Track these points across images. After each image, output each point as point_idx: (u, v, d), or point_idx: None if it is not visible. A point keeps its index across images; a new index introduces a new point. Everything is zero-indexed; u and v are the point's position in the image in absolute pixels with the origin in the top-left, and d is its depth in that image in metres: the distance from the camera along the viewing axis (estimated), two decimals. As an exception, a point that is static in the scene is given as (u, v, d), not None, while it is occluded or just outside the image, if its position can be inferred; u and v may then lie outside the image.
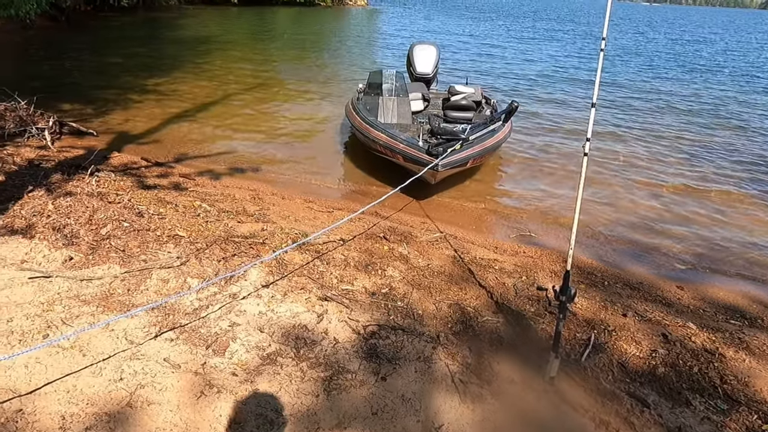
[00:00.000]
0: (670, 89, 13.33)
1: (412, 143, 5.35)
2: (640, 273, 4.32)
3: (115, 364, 2.50)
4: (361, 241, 4.27)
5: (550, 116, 9.62)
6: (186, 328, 2.87)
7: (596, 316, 3.42)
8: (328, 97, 10.50)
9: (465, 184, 6.08)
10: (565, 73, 15.03)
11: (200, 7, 32.34)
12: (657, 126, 9.34)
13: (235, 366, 2.60)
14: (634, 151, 7.75)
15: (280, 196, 5.38)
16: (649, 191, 6.24)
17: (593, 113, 2.56)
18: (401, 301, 3.38)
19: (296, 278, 3.52)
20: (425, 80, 8.36)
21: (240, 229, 4.23)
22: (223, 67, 13.48)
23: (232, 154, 6.86)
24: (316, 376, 2.60)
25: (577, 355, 3.00)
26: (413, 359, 2.80)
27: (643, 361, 2.98)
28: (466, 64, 15.40)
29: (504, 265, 4.12)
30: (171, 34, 20.07)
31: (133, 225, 4.04)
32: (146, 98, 9.57)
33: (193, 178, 5.70)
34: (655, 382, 2.81)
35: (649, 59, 19.50)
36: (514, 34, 27.23)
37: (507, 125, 6.26)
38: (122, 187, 4.85)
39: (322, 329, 2.98)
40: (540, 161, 7.12)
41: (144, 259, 3.60)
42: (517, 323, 3.25)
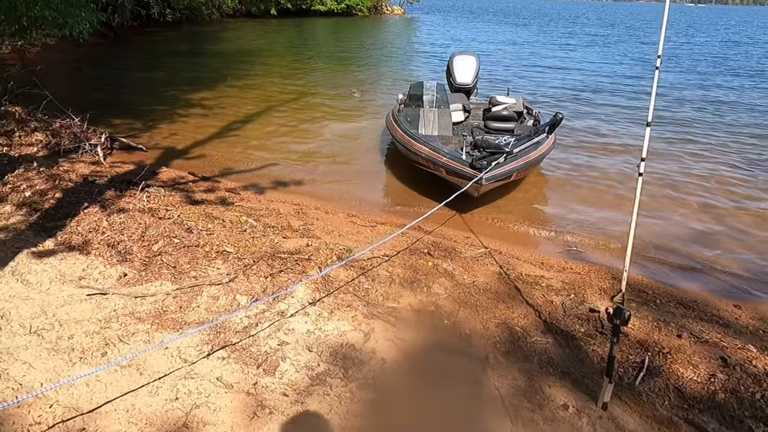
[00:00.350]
0: (721, 98, 12.89)
1: (456, 156, 5.32)
2: (693, 291, 4.17)
3: (170, 383, 2.56)
4: (405, 256, 4.27)
5: (594, 128, 9.40)
6: (237, 347, 2.91)
7: (649, 337, 3.32)
8: (368, 108, 10.57)
9: (508, 197, 6.01)
10: (608, 81, 14.72)
11: (241, 20, 33.14)
12: (709, 138, 9.03)
13: (285, 386, 2.63)
14: (685, 165, 7.51)
15: (323, 211, 5.43)
16: (700, 206, 6.02)
17: (648, 133, 2.50)
18: (447, 319, 3.36)
19: (342, 295, 3.54)
20: (465, 91, 8.32)
21: (285, 244, 4.28)
22: (265, 79, 13.75)
23: (275, 167, 6.97)
24: (366, 397, 2.60)
25: (631, 378, 2.92)
26: (462, 380, 2.78)
27: (701, 386, 2.87)
28: (506, 74, 15.27)
29: (551, 281, 4.05)
30: (213, 47, 20.59)
31: (182, 241, 4.14)
32: (191, 112, 9.83)
33: (238, 192, 5.80)
34: (714, 409, 2.71)
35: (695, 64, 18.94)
36: (554, 41, 26.88)
37: (551, 137, 6.17)
38: (171, 203, 4.98)
39: (370, 348, 2.99)
40: (584, 174, 6.97)
41: (194, 276, 3.68)
42: (567, 344, 3.18)
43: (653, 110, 2.51)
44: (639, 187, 2.51)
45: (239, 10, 34.23)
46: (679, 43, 27.62)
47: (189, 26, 27.67)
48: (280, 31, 28.87)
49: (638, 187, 2.51)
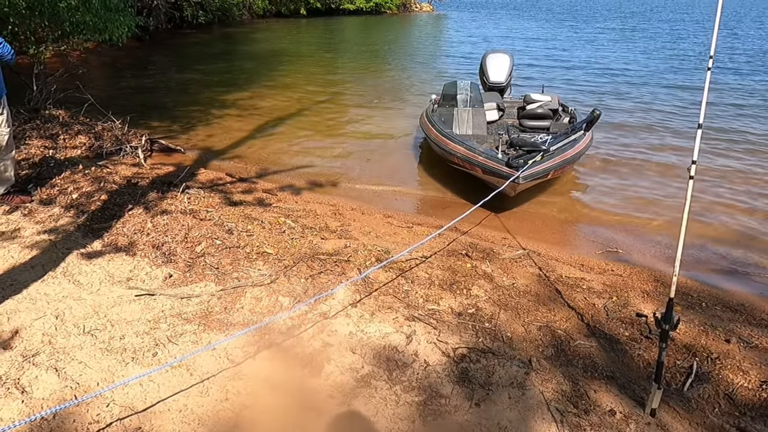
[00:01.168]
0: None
1: (491, 155, 5.30)
2: (741, 294, 4.07)
3: (219, 384, 2.61)
4: (443, 258, 4.27)
5: (634, 126, 9.23)
6: (281, 348, 2.96)
7: (696, 341, 3.25)
8: (401, 108, 10.57)
9: (545, 196, 5.95)
10: (645, 76, 14.41)
11: (271, 20, 33.47)
12: (754, 136, 8.77)
13: (331, 388, 2.66)
14: (730, 164, 7.31)
15: (359, 212, 5.46)
16: (747, 207, 5.86)
17: (699, 135, 2.44)
18: (489, 322, 3.35)
19: (382, 297, 3.56)
20: (499, 89, 8.26)
21: (324, 246, 4.32)
22: (297, 79, 13.88)
23: (310, 168, 7.04)
24: (411, 400, 2.62)
25: (679, 384, 2.87)
26: (506, 385, 2.77)
27: (753, 393, 2.81)
28: (539, 71, 15.08)
29: (592, 284, 4.00)
30: (245, 48, 20.87)
31: (224, 242, 4.22)
32: (226, 113, 10.00)
33: (275, 193, 5.88)
34: (767, 417, 2.64)
35: (740, 58, 18.38)
36: (587, 36, 26.41)
37: (588, 135, 6.08)
38: (212, 204, 5.07)
39: (412, 351, 3.00)
40: (623, 173, 6.86)
41: (236, 277, 3.75)
42: (611, 348, 3.14)
43: (704, 113, 2.45)
44: (690, 190, 2.46)
45: (269, 11, 34.58)
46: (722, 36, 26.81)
47: (220, 28, 28.07)
48: (310, 31, 29.08)
49: (689, 190, 2.45)
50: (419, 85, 13.00)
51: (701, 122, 2.42)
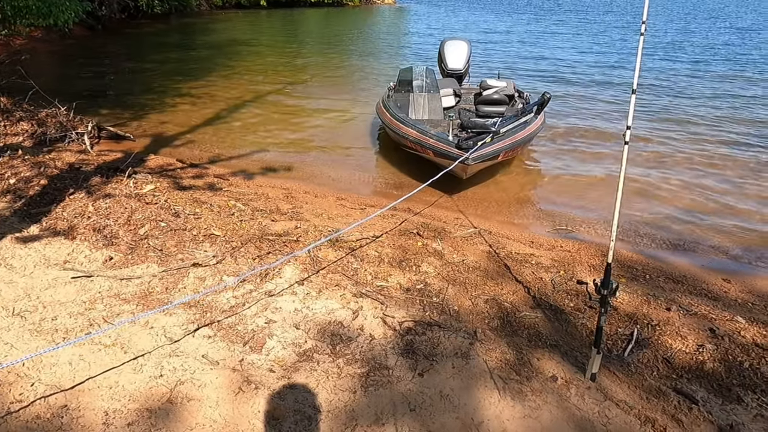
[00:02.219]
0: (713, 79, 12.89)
1: (442, 138, 5.30)
2: (683, 265, 4.18)
3: (155, 361, 2.53)
4: (395, 237, 4.25)
5: (584, 109, 9.42)
6: (223, 325, 2.89)
7: (638, 310, 3.31)
8: (360, 95, 10.51)
9: (498, 178, 5.99)
10: (598, 64, 14.70)
11: (231, 11, 32.88)
12: (698, 117, 9.04)
13: (272, 362, 2.61)
14: (675, 143, 7.52)
15: (312, 195, 5.39)
16: (690, 182, 6.03)
17: (633, 100, 2.47)
18: (437, 296, 3.34)
19: (331, 275, 3.52)
20: (457, 76, 8.28)
21: (274, 227, 4.25)
22: (255, 69, 13.65)
23: (265, 153, 6.93)
24: (353, 372, 2.59)
25: (620, 350, 2.91)
26: (450, 355, 2.76)
27: (690, 357, 2.87)
28: (497, 59, 15.21)
29: (540, 259, 4.04)
30: (203, 38, 20.42)
31: (170, 225, 4.11)
32: (180, 102, 9.76)
33: (227, 178, 5.76)
34: (703, 379, 2.71)
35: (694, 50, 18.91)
36: (545, 28, 26.77)
37: (539, 118, 6.15)
38: (159, 189, 4.93)
39: (358, 326, 2.97)
40: (574, 153, 6.98)
41: (181, 258, 3.65)
42: (556, 318, 3.17)
43: (638, 78, 2.49)
44: (625, 154, 2.48)
45: (228, 2, 33.96)
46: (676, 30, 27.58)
47: (178, 18, 27.43)
48: (271, 22, 28.66)
49: (624, 154, 2.48)
50: (379, 74, 12.94)
51: (635, 88, 2.45)
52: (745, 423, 2.40)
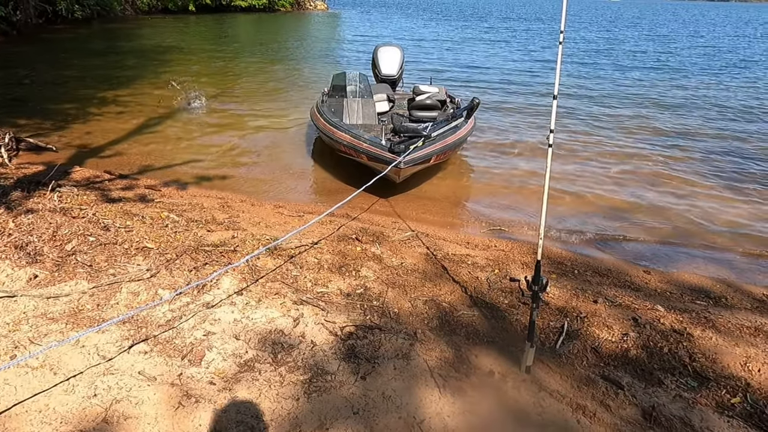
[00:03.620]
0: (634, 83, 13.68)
1: (375, 142, 5.37)
2: (608, 260, 4.42)
3: (88, 381, 2.44)
4: (334, 243, 4.27)
5: (514, 110, 9.78)
6: (160, 340, 2.82)
7: (568, 304, 3.48)
8: (294, 101, 10.45)
9: (433, 181, 6.13)
10: (527, 70, 15.27)
11: (157, 16, 31.84)
12: (621, 118, 9.57)
13: (212, 375, 2.57)
14: (599, 142, 7.93)
15: (249, 203, 5.33)
16: (615, 180, 6.39)
17: (555, 105, 2.62)
18: (377, 300, 3.39)
19: (270, 284, 3.50)
20: (391, 82, 8.40)
21: (210, 237, 4.18)
22: (184, 76, 13.28)
23: (199, 162, 6.77)
24: (295, 379, 2.59)
25: (552, 343, 3.05)
26: (392, 357, 2.81)
27: (616, 345, 3.05)
28: (430, 65, 15.52)
29: (476, 259, 4.17)
30: (129, 44, 19.68)
31: (99, 239, 3.96)
32: (107, 111, 9.38)
33: (159, 189, 5.60)
34: (628, 365, 2.88)
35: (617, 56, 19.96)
36: (477, 35, 27.54)
37: (470, 122, 6.34)
38: (86, 202, 4.74)
39: (299, 333, 2.97)
40: (505, 155, 7.24)
41: (112, 273, 3.52)
42: (492, 316, 3.29)
43: (558, 85, 2.63)
44: (549, 156, 2.62)
45: (155, 6, 32.91)
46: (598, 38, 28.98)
47: (101, 23, 26.30)
48: (200, 28, 27.98)
49: (548, 157, 2.62)
50: (312, 80, 12.92)
51: (556, 93, 2.59)
52: (666, 404, 2.58)
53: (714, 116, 10.06)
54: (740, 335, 3.21)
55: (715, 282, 4.13)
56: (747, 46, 25.39)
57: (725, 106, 10.94)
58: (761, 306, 3.74)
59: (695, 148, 7.88)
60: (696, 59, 19.19)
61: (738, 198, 5.98)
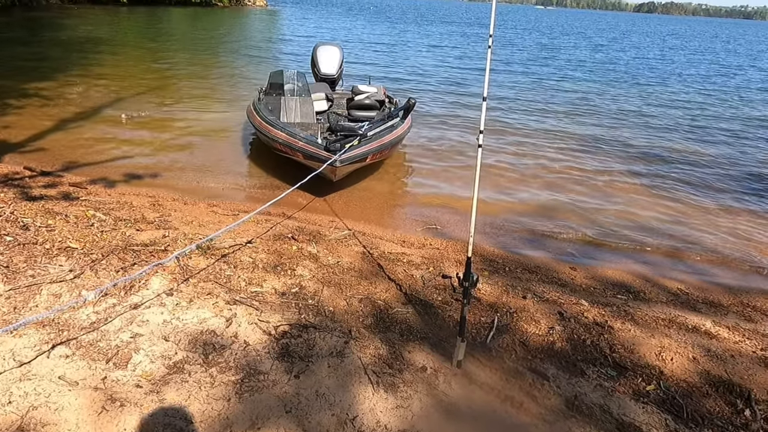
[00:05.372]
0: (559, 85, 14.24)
1: (311, 140, 5.36)
2: (537, 258, 4.59)
3: (2, 387, 2.31)
4: (269, 242, 4.22)
5: (450, 112, 9.99)
6: (83, 343, 2.70)
7: (499, 300, 3.60)
8: (230, 99, 10.25)
9: (370, 181, 6.17)
10: (463, 72, 15.61)
11: (85, 6, 30.40)
12: (547, 123, 9.96)
13: (139, 378, 2.49)
14: (530, 146, 8.22)
15: (181, 202, 5.19)
16: (544, 181, 6.65)
17: (485, 107, 2.70)
18: (312, 299, 3.38)
19: (202, 284, 3.42)
20: (330, 81, 8.38)
21: (139, 237, 4.04)
22: (114, 69, 12.77)
23: (128, 160, 6.53)
24: (227, 380, 2.55)
25: (483, 338, 3.15)
26: (326, 355, 2.81)
27: (542, 338, 3.18)
28: (369, 65, 15.58)
29: (412, 258, 4.23)
30: (54, 35, 18.68)
31: (17, 239, 3.74)
32: (28, 103, 8.87)
33: (85, 186, 5.36)
34: (553, 357, 3.01)
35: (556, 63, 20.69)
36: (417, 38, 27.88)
37: (406, 122, 6.42)
38: (3, 200, 4.47)
39: (232, 333, 2.92)
40: (440, 155, 7.40)
41: (32, 275, 3.34)
42: (425, 312, 3.35)
43: (488, 87, 2.71)
44: (479, 157, 2.71)
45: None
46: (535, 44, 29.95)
47: (23, 11, 24.84)
48: (132, 21, 26.91)
49: (478, 157, 2.71)
50: (250, 77, 12.71)
51: (485, 95, 2.67)
52: (587, 393, 2.71)
53: (639, 124, 10.63)
54: (656, 327, 3.42)
55: (635, 277, 4.37)
56: (668, 57, 26.97)
57: (649, 115, 11.58)
58: (675, 299, 3.99)
59: (618, 153, 8.30)
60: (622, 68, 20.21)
61: (658, 199, 6.35)
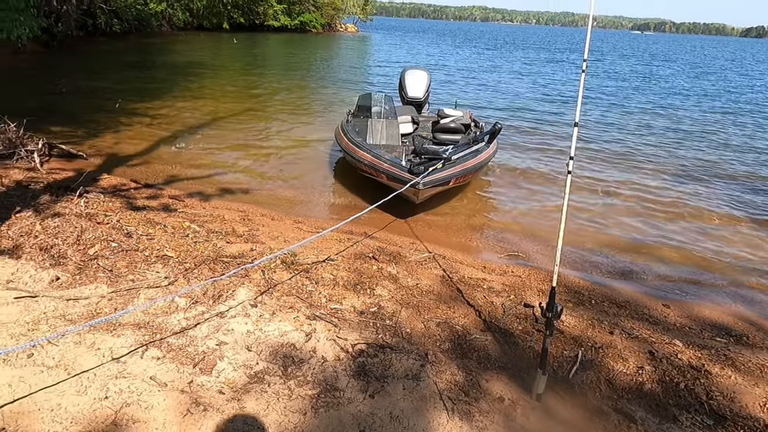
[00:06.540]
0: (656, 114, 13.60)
1: (395, 162, 5.42)
2: (626, 291, 4.35)
3: (100, 383, 2.47)
4: (351, 260, 4.28)
5: (538, 138, 9.77)
6: (173, 347, 2.85)
7: (583, 333, 3.43)
8: (320, 120, 10.60)
9: (452, 204, 6.13)
10: (552, 98, 15.28)
11: (192, 33, 32.73)
12: (644, 151, 9.50)
13: (222, 384, 2.59)
14: (622, 174, 7.87)
15: (269, 217, 5.39)
16: (635, 212, 6.32)
17: (576, 132, 2.62)
18: (390, 319, 3.38)
19: (285, 298, 3.52)
20: (416, 104, 8.48)
21: (229, 249, 4.23)
22: (214, 91, 13.60)
23: (222, 175, 6.89)
24: (304, 394, 2.59)
25: (565, 372, 3.01)
26: (401, 377, 2.80)
27: (630, 378, 2.99)
28: (455, 90, 15.63)
29: (492, 284, 4.14)
30: (163, 59, 20.24)
31: (121, 245, 4.03)
32: (136, 122, 9.62)
33: (183, 199, 5.70)
34: (641, 399, 2.82)
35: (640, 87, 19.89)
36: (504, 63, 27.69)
37: (491, 146, 6.35)
38: (111, 209, 4.84)
39: (310, 348, 2.98)
40: (526, 181, 7.22)
41: (132, 279, 3.59)
42: (505, 341, 3.26)
43: (580, 112, 2.64)
44: (568, 183, 2.62)
45: (190, 23, 33.84)
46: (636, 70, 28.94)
47: (138, 37, 27.11)
48: (233, 46, 28.64)
49: (567, 183, 2.62)
50: (339, 98, 13.11)
51: (577, 120, 2.60)
52: (680, 441, 2.52)
53: (740, 154, 9.91)
54: (761, 375, 3.13)
55: (737, 319, 4.03)
56: None
57: (761, 150, 10.77)
58: (784, 346, 3.64)
59: (720, 186, 7.76)
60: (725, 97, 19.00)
61: (764, 236, 5.85)
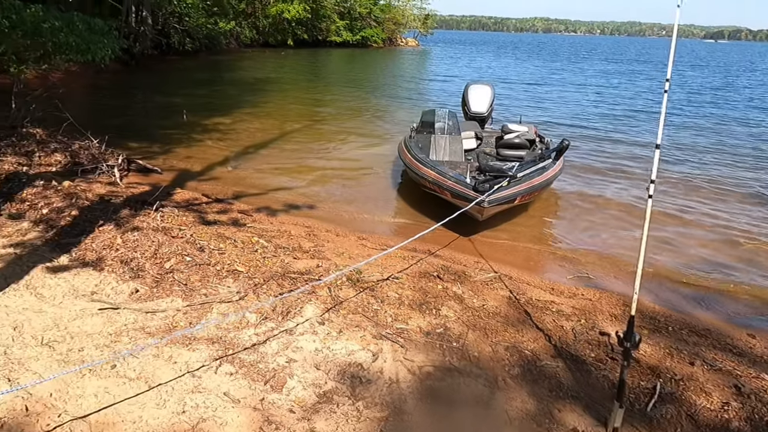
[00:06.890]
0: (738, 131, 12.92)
1: (460, 179, 5.36)
2: (706, 319, 4.12)
3: (178, 397, 2.56)
4: (415, 279, 4.27)
5: (607, 157, 9.45)
6: (245, 363, 2.92)
7: (661, 363, 3.27)
8: (382, 135, 10.70)
9: (518, 222, 6.01)
10: (622, 114, 14.80)
11: (258, 49, 33.89)
12: (724, 170, 9.03)
13: (292, 403, 2.62)
14: (700, 195, 7.49)
15: (334, 233, 5.46)
16: (715, 235, 5.99)
17: (657, 155, 2.51)
18: (456, 341, 3.34)
19: (351, 316, 3.54)
20: (480, 119, 8.41)
21: (296, 265, 4.31)
22: (279, 107, 14.00)
23: (288, 191, 7.05)
24: (372, 416, 2.58)
25: (642, 404, 2.87)
26: (470, 403, 2.75)
27: (715, 414, 2.82)
28: (520, 104, 15.41)
29: (561, 307, 4.02)
30: (231, 75, 21.04)
31: (194, 259, 4.18)
32: (206, 137, 10.01)
33: (251, 214, 5.86)
34: (728, 437, 2.65)
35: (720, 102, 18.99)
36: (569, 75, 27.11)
37: (558, 163, 6.20)
38: (185, 223, 5.04)
39: (378, 368, 2.98)
40: (596, 201, 6.98)
41: (205, 293, 3.71)
42: (577, 369, 3.14)
43: (662, 134, 2.53)
44: (649, 208, 2.51)
45: (256, 40, 35.06)
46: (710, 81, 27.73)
47: (207, 55, 28.33)
48: (297, 61, 29.44)
49: (648, 208, 2.51)
50: (401, 113, 13.18)
51: (659, 143, 2.49)
52: (773, 487, 2.34)
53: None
54: None
55: (832, 353, 3.73)
56: None
57: None
58: None
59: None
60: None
61: None
